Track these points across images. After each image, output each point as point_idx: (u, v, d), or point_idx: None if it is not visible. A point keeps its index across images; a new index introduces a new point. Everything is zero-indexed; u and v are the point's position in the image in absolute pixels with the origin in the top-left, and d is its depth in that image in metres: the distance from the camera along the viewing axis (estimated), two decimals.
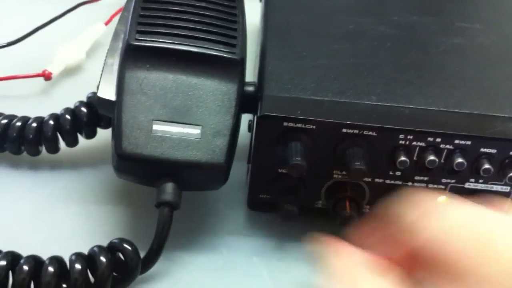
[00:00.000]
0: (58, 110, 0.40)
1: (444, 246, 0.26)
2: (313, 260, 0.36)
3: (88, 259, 0.32)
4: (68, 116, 0.39)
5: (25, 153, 0.40)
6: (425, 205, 0.29)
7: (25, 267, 0.31)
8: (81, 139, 0.40)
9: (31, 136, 0.39)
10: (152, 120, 0.33)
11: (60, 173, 0.40)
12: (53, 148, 0.39)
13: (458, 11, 0.45)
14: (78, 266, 0.31)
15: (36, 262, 0.31)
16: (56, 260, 0.32)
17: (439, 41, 0.41)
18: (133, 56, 0.34)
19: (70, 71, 0.48)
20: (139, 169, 0.34)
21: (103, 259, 0.32)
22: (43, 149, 0.40)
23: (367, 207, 0.37)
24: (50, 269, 0.31)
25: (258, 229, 0.38)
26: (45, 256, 0.32)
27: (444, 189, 0.36)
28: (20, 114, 0.40)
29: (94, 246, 0.33)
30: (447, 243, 0.26)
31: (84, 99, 0.40)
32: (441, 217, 0.28)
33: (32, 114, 0.40)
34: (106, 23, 0.51)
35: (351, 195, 0.36)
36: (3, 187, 0.39)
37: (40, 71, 0.46)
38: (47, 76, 0.46)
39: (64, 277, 0.32)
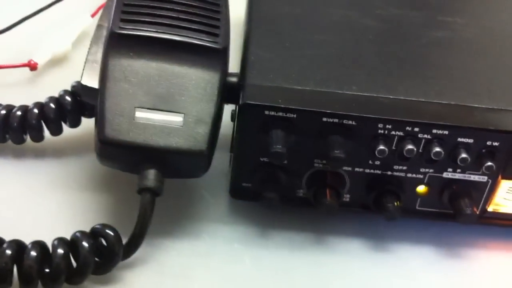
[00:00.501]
0: (43, 100, 0.40)
1: None
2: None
3: (71, 244, 0.32)
4: (52, 105, 0.39)
5: (9, 141, 0.40)
6: None
7: (8, 251, 0.31)
8: (65, 127, 0.40)
9: (15, 124, 0.39)
10: (135, 107, 0.34)
11: (44, 161, 0.40)
12: (38, 137, 0.40)
13: (441, 5, 0.45)
14: (60, 250, 0.32)
15: (18, 246, 0.32)
16: (39, 245, 0.32)
17: (422, 34, 0.41)
18: (117, 44, 0.35)
19: (56, 62, 0.48)
20: (121, 156, 0.34)
21: (85, 244, 0.32)
22: (28, 138, 0.40)
23: (348, 195, 0.38)
24: (33, 253, 0.31)
25: (240, 217, 0.38)
26: (28, 241, 0.33)
27: (423, 178, 0.37)
28: (5, 103, 0.40)
29: (77, 232, 0.33)
30: None
31: (69, 88, 0.40)
32: None
33: (18, 104, 0.40)
34: (93, 15, 0.51)
35: (331, 184, 0.37)
36: None
37: (25, 61, 0.46)
38: (32, 66, 0.46)
39: (47, 261, 0.32)
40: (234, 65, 0.38)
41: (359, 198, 0.37)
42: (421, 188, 0.37)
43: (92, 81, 0.35)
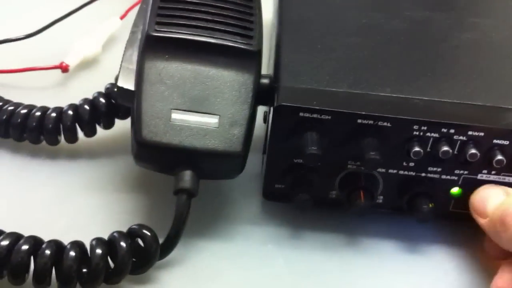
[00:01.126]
0: (74, 101, 0.41)
1: None
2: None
3: (108, 245, 0.33)
4: (86, 107, 0.40)
5: (44, 143, 0.41)
6: None
7: (47, 251, 0.32)
8: (99, 129, 0.41)
9: (50, 126, 0.40)
10: (171, 109, 0.34)
11: (78, 163, 0.41)
12: (72, 138, 0.40)
13: (470, 7, 0.45)
14: (99, 251, 0.32)
15: (57, 246, 0.32)
16: (77, 245, 0.32)
17: (452, 36, 0.41)
18: (152, 46, 0.35)
19: (87, 64, 0.49)
20: (158, 157, 0.34)
21: (123, 244, 0.32)
22: (62, 139, 0.40)
23: (381, 197, 0.38)
24: (72, 253, 0.32)
25: (273, 218, 0.38)
26: (65, 242, 0.33)
27: (457, 180, 0.36)
28: (38, 105, 0.41)
29: (114, 232, 0.33)
30: None
31: (102, 90, 0.41)
32: None
33: (50, 105, 0.41)
34: (122, 18, 0.52)
35: (365, 186, 0.37)
36: (23, 175, 0.40)
37: (57, 64, 0.47)
38: (64, 68, 0.47)
39: (85, 262, 0.32)
40: (264, 67, 0.38)
41: (392, 199, 0.37)
42: (455, 190, 0.37)
43: (127, 83, 0.35)
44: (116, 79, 0.36)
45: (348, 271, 0.36)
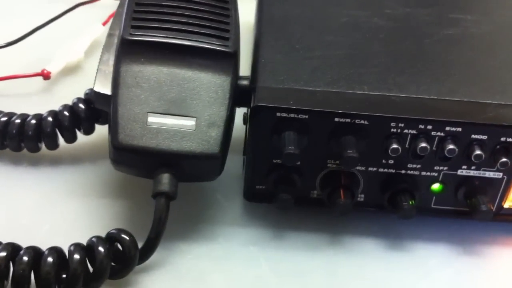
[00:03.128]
0: (57, 108, 0.40)
1: None
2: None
3: (87, 250, 0.33)
4: (66, 113, 0.40)
5: (25, 150, 0.41)
6: None
7: (25, 258, 0.31)
8: (80, 135, 0.41)
9: (30, 133, 0.39)
10: (148, 112, 0.34)
11: (60, 169, 0.41)
12: (53, 144, 0.40)
13: (451, 3, 0.45)
14: (76, 256, 0.32)
15: (35, 252, 0.32)
16: (55, 251, 0.32)
17: (432, 32, 0.41)
18: (128, 50, 0.35)
19: (69, 71, 0.49)
20: (135, 161, 0.34)
21: (101, 249, 0.32)
22: (43, 146, 0.40)
23: (362, 195, 0.38)
24: (49, 259, 0.32)
25: (255, 219, 0.38)
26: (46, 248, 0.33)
27: (437, 176, 0.36)
28: (19, 113, 0.41)
29: (93, 237, 0.33)
30: None
31: (82, 96, 0.41)
32: None
33: (32, 113, 0.41)
34: (104, 24, 0.52)
35: (345, 184, 0.37)
36: (4, 183, 0.40)
37: (39, 71, 0.47)
38: (46, 76, 0.47)
39: (64, 267, 0.32)
40: (246, 69, 0.38)
41: (374, 197, 0.37)
42: (436, 186, 0.37)
43: (104, 88, 0.36)
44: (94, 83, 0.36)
45: (332, 270, 0.36)
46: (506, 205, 0.38)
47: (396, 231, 0.38)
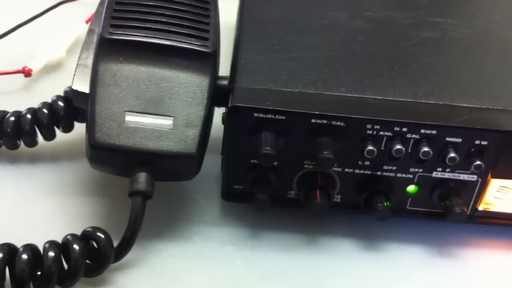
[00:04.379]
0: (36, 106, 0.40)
1: None
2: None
3: (62, 247, 0.33)
4: (45, 110, 0.40)
5: (3, 147, 0.40)
6: None
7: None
8: (59, 133, 0.41)
9: (9, 130, 0.39)
10: (125, 111, 0.34)
11: (38, 166, 0.41)
12: (31, 142, 0.40)
13: (431, 6, 0.46)
14: (51, 253, 0.32)
15: (10, 249, 0.32)
16: (30, 248, 0.32)
17: (411, 35, 0.42)
18: (106, 49, 0.35)
19: (51, 68, 0.49)
20: (112, 159, 0.34)
21: (76, 246, 0.32)
22: (22, 143, 0.40)
23: (339, 196, 0.38)
24: (24, 256, 0.32)
25: (233, 218, 0.39)
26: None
27: (413, 178, 0.37)
28: None
29: (68, 235, 0.33)
30: None
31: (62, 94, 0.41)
32: None
33: (12, 110, 0.41)
34: (87, 22, 0.52)
35: (322, 185, 0.37)
36: None
37: (20, 68, 0.47)
38: (27, 73, 0.47)
39: (38, 264, 0.32)
40: (227, 69, 0.39)
41: (350, 198, 0.38)
42: (411, 188, 0.37)
43: (83, 86, 0.36)
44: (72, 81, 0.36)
45: (307, 270, 0.36)
46: (481, 207, 0.38)
47: (372, 232, 0.39)
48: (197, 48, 0.36)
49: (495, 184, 0.37)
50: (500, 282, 0.37)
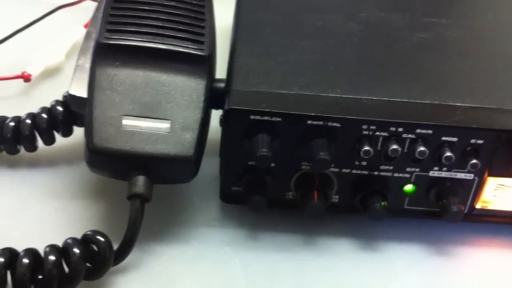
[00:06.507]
0: (36, 111, 0.41)
1: None
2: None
3: (62, 251, 0.33)
4: (44, 115, 0.40)
5: (4, 152, 0.41)
6: None
7: (1, 259, 0.32)
8: (58, 137, 0.41)
9: (9, 135, 0.40)
10: (122, 115, 0.34)
11: (38, 171, 0.41)
12: (31, 147, 0.40)
13: (426, 7, 0.46)
14: (51, 257, 0.32)
15: (11, 254, 0.32)
16: (31, 252, 0.32)
17: (405, 36, 0.42)
18: (103, 54, 0.36)
19: (50, 73, 0.49)
20: (110, 163, 0.35)
21: (76, 250, 0.33)
22: (22, 148, 0.41)
23: (336, 197, 0.38)
24: (25, 260, 0.32)
25: (231, 220, 0.39)
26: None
27: (409, 178, 0.37)
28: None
29: (68, 238, 0.34)
30: None
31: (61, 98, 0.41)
32: None
33: (12, 115, 0.41)
34: (85, 26, 0.52)
35: (319, 186, 0.37)
36: None
37: (19, 73, 0.47)
38: (26, 78, 0.47)
39: (39, 268, 0.33)
40: (224, 71, 0.39)
41: (348, 199, 0.38)
42: (409, 187, 0.38)
43: (80, 90, 0.36)
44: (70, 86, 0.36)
45: (305, 271, 0.37)
46: (478, 205, 0.38)
47: (370, 232, 0.39)
48: (193, 52, 0.36)
49: (492, 182, 0.37)
50: (498, 280, 0.37)
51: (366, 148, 0.35)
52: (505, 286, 0.37)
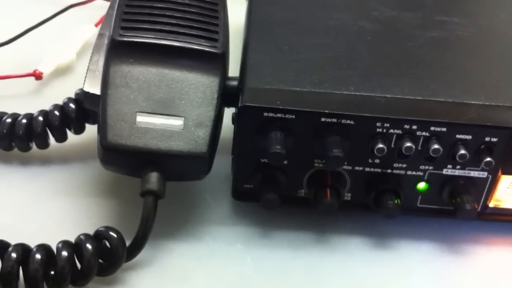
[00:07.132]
0: (48, 108, 0.41)
1: None
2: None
3: (75, 247, 0.33)
4: (56, 112, 0.40)
5: (16, 149, 0.41)
6: None
7: (13, 255, 0.32)
8: (70, 134, 0.41)
9: (21, 132, 0.40)
10: (136, 112, 0.34)
11: (50, 168, 0.41)
12: (43, 144, 0.40)
13: (437, 5, 0.46)
14: (64, 253, 0.32)
15: (24, 250, 0.32)
16: (44, 248, 0.32)
17: (418, 35, 0.42)
18: (117, 51, 0.36)
19: (61, 71, 0.49)
20: (123, 160, 0.35)
21: (89, 246, 0.33)
22: (33, 145, 0.41)
23: (349, 194, 0.38)
24: (38, 256, 0.32)
25: (243, 218, 0.39)
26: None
27: (423, 176, 0.37)
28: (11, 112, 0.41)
29: (81, 234, 0.34)
30: None
31: (73, 96, 0.41)
32: None
33: (24, 113, 0.41)
34: (96, 25, 0.52)
35: (332, 183, 0.37)
36: None
37: (31, 71, 0.47)
38: (38, 76, 0.47)
39: (52, 264, 0.33)
40: (237, 69, 0.39)
41: (361, 196, 0.38)
42: (422, 185, 0.37)
43: (94, 88, 0.36)
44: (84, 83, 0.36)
45: (317, 268, 0.37)
46: (491, 204, 0.38)
47: (382, 230, 0.39)
48: (206, 49, 0.36)
49: (505, 181, 0.37)
50: (509, 279, 0.37)
51: (380, 145, 0.35)
52: None
